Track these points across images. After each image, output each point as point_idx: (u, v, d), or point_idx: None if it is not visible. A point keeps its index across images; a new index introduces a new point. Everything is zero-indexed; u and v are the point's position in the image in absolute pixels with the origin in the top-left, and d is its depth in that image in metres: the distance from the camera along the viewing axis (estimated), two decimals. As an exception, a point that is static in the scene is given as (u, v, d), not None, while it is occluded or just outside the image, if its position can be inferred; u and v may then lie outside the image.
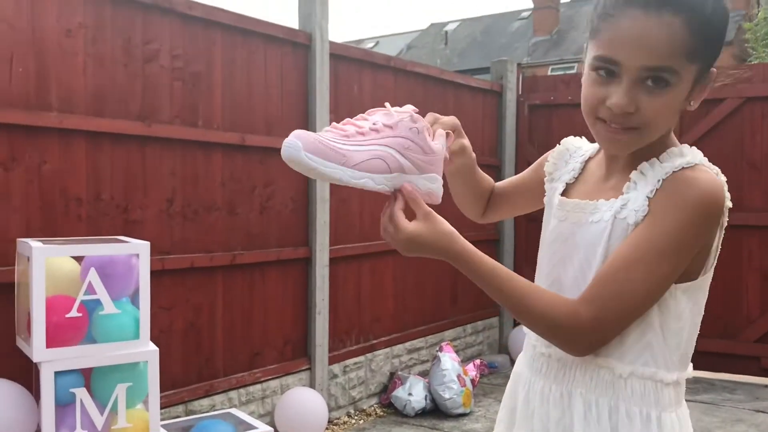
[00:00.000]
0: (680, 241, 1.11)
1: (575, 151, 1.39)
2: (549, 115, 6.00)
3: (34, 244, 2.55)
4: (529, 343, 1.33)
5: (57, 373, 2.54)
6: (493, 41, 28.81)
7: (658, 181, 1.14)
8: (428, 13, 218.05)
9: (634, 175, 1.19)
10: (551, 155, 1.42)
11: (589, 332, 1.13)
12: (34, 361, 2.54)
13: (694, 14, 1.08)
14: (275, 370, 3.97)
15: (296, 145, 1.06)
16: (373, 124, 1.16)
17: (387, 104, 1.21)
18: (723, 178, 1.17)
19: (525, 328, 1.28)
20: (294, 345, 4.12)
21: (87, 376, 2.66)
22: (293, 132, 1.09)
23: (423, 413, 4.49)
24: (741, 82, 5.29)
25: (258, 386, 3.88)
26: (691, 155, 1.17)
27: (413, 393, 4.49)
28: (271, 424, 3.83)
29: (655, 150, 1.18)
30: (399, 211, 1.17)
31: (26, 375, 2.76)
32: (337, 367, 4.38)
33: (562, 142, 1.42)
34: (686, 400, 1.24)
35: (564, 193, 1.32)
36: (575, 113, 6.19)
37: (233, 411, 3.42)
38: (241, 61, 3.75)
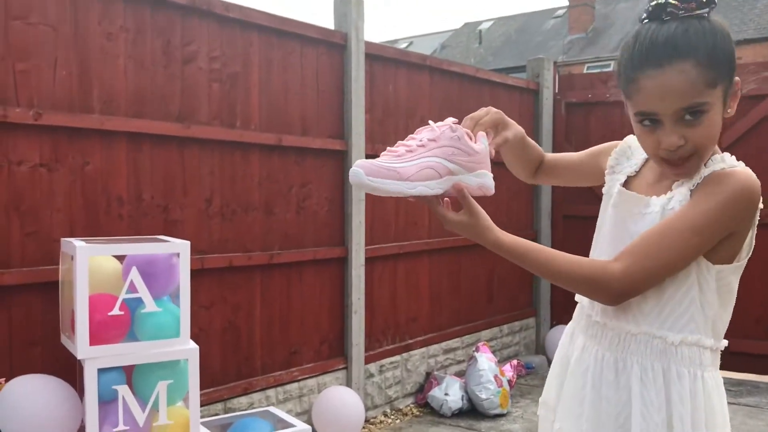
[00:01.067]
0: (712, 220, 1.29)
1: (636, 149, 1.54)
2: (586, 114, 5.93)
3: (78, 243, 2.60)
4: (583, 313, 1.51)
5: (100, 370, 2.59)
6: (528, 40, 28.57)
7: (701, 177, 1.34)
8: (462, 13, 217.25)
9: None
10: (614, 150, 1.58)
11: (618, 282, 1.32)
12: (78, 358, 2.59)
13: (699, 52, 1.26)
14: (312, 369, 3.99)
15: (359, 173, 1.28)
16: (420, 141, 1.34)
17: (430, 122, 1.40)
18: (758, 181, 1.34)
19: (578, 297, 1.52)
20: (331, 344, 4.13)
21: (129, 374, 2.71)
22: (355, 162, 1.31)
23: (460, 413, 4.47)
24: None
25: (295, 385, 3.90)
26: (731, 161, 1.37)
27: (450, 393, 4.48)
28: (308, 422, 3.85)
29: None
30: (439, 207, 1.38)
31: (70, 371, 2.82)
32: (373, 367, 4.38)
33: (625, 139, 1.58)
34: (730, 403, 1.37)
35: (624, 185, 1.50)
36: (613, 111, 6.13)
37: (271, 409, 3.44)
38: (278, 61, 3.78)
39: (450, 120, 1.39)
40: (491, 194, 1.41)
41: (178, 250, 2.75)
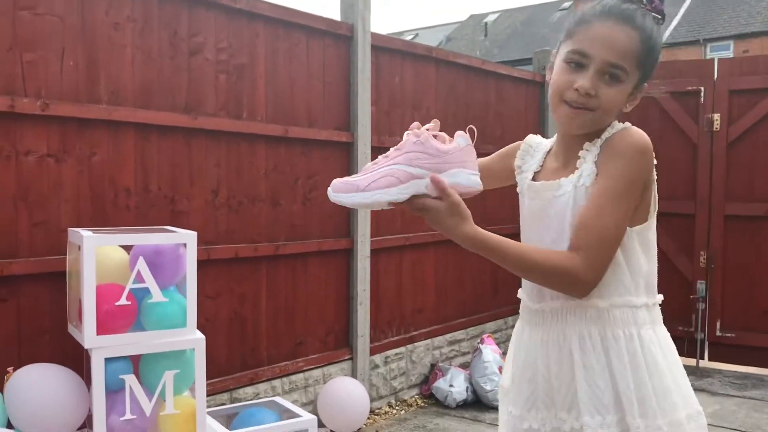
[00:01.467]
0: (626, 181, 1.41)
1: (537, 146, 1.69)
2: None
3: (85, 233, 2.61)
4: (524, 307, 1.61)
5: (107, 360, 2.60)
6: (534, 32, 28.46)
7: (599, 147, 1.46)
8: (468, 5, 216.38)
9: (581, 153, 1.50)
10: (518, 152, 1.70)
11: (587, 272, 1.39)
12: (85, 347, 2.60)
13: (645, 33, 1.44)
14: (318, 360, 4.00)
15: (329, 190, 1.39)
16: (387, 153, 1.40)
17: (415, 123, 1.44)
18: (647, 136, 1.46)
19: (522, 293, 1.61)
20: (336, 335, 4.15)
21: (135, 363, 2.72)
22: (332, 181, 1.39)
23: (464, 405, 4.49)
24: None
25: (301, 375, 3.92)
26: (617, 125, 1.48)
27: (454, 384, 4.49)
28: (314, 412, 3.87)
29: (597, 134, 1.49)
30: (416, 200, 1.39)
31: (77, 361, 2.83)
32: (378, 358, 4.39)
33: (525, 140, 1.71)
34: (735, 396, 1.35)
35: (532, 180, 1.61)
36: (620, 103, 6.09)
37: (277, 399, 3.46)
38: (284, 53, 3.78)
39: (415, 125, 1.42)
40: (474, 191, 1.41)
41: (185, 240, 2.76)
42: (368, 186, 1.36)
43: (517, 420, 1.58)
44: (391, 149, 1.40)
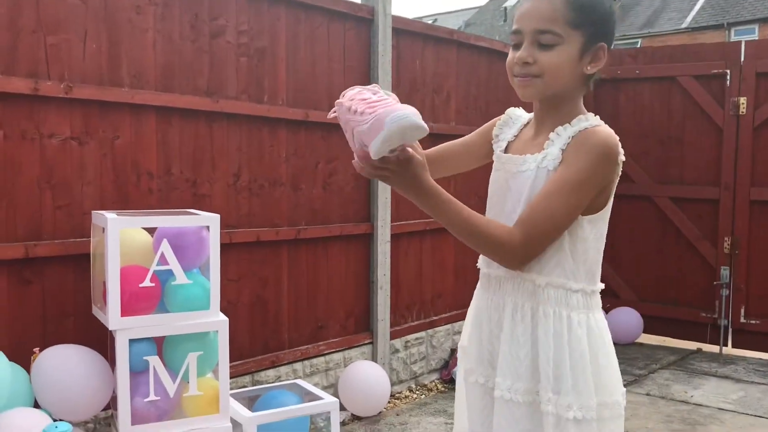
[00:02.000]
0: (587, 176, 1.47)
1: (516, 118, 1.75)
2: (615, 90, 5.84)
3: (109, 215, 2.62)
4: (481, 271, 1.71)
5: (131, 341, 2.62)
6: (554, 17, 28.15)
7: (570, 137, 1.52)
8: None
9: (552, 135, 1.56)
10: (498, 122, 1.76)
11: (521, 248, 1.48)
12: (110, 329, 2.62)
13: (572, 1, 1.49)
14: (338, 344, 4.01)
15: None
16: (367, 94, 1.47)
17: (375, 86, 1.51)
18: (617, 137, 1.52)
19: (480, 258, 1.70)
20: (356, 319, 4.15)
21: (159, 345, 2.74)
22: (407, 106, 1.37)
23: (484, 390, 4.47)
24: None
25: (322, 359, 3.93)
26: (594, 120, 1.54)
27: (475, 369, 4.48)
28: (335, 395, 3.87)
29: (569, 117, 1.56)
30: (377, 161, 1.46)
31: (102, 342, 2.86)
32: (398, 342, 4.40)
33: (507, 111, 1.78)
34: (760, 383, 1.31)
35: (504, 151, 1.69)
36: (642, 87, 6.07)
37: (299, 382, 3.47)
38: (305, 36, 3.76)
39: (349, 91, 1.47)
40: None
41: (208, 223, 2.77)
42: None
43: (468, 373, 1.69)
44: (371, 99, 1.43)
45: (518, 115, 1.76)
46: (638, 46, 23.95)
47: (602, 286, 1.61)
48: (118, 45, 2.99)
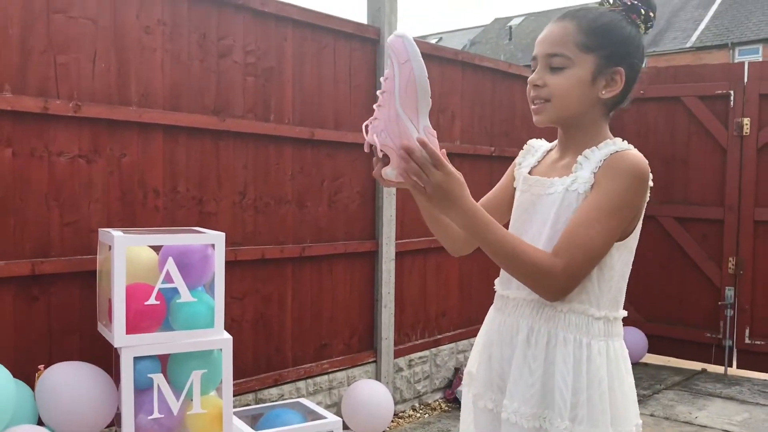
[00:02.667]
0: (622, 201, 1.46)
1: (538, 147, 1.77)
2: (619, 110, 5.85)
3: (116, 233, 2.64)
4: (496, 290, 1.69)
5: (136, 359, 2.63)
6: (559, 36, 28.28)
7: (600, 160, 1.50)
8: (492, 8, 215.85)
9: (580, 158, 1.54)
10: (521, 153, 1.78)
11: (563, 277, 1.44)
12: (115, 346, 2.63)
13: (581, 20, 1.53)
14: (342, 362, 4.01)
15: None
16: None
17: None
18: (646, 161, 1.51)
19: (496, 280, 1.69)
20: (360, 337, 4.15)
21: (164, 363, 2.75)
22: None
23: (488, 409, 4.46)
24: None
25: (325, 377, 3.93)
26: (623, 144, 1.53)
27: (478, 389, 4.47)
28: (338, 414, 3.87)
29: (594, 141, 1.56)
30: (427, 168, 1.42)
31: (106, 360, 2.87)
32: (402, 361, 4.39)
33: (528, 142, 1.79)
34: (766, 405, 1.30)
35: (529, 174, 1.69)
36: (647, 108, 6.09)
37: (302, 400, 3.47)
38: (312, 56, 3.80)
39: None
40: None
41: (213, 241, 2.79)
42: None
43: (476, 398, 1.66)
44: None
45: (540, 144, 1.78)
46: (643, 65, 24.04)
47: (625, 313, 1.58)
48: (126, 64, 3.02)
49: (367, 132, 1.43)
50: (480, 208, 1.44)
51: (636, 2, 1.56)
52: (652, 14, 1.58)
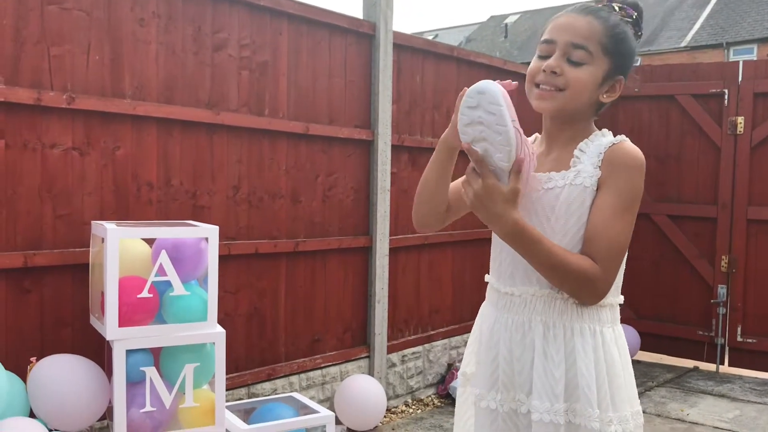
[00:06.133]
0: (634, 195, 1.52)
1: None
2: (614, 107, 5.86)
3: (109, 226, 2.63)
4: (492, 289, 1.68)
5: (128, 352, 2.62)
6: (554, 34, 28.30)
7: (600, 153, 1.54)
8: (488, 6, 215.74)
9: (576, 152, 1.57)
10: None
11: (605, 283, 1.49)
12: (107, 339, 2.62)
13: (608, 23, 1.55)
14: (335, 357, 4.01)
15: (494, 84, 1.43)
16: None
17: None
18: None
19: (491, 276, 1.69)
20: (354, 332, 4.15)
21: (156, 356, 2.74)
22: (489, 80, 1.44)
23: (481, 405, 4.47)
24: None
25: (318, 372, 3.92)
26: (617, 136, 1.58)
27: (471, 385, 4.47)
28: (331, 409, 3.87)
29: (584, 134, 1.59)
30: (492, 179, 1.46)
31: (99, 352, 2.86)
32: (395, 356, 4.39)
33: None
34: (756, 402, 1.32)
35: None
36: (642, 106, 6.11)
37: (295, 395, 3.47)
38: (307, 50, 3.79)
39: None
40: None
41: (207, 234, 2.78)
42: (514, 123, 1.42)
43: (478, 398, 1.63)
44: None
45: None
46: (638, 63, 24.09)
47: (622, 298, 1.63)
48: (120, 57, 3.01)
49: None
50: (526, 225, 1.46)
51: (639, 19, 1.61)
52: (641, 33, 1.64)
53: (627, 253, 1.59)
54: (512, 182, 1.43)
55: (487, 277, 1.73)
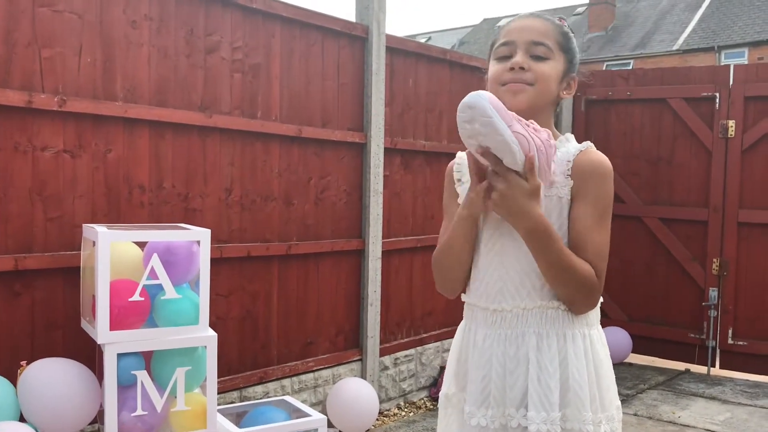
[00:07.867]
0: (607, 201, 1.57)
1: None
2: (606, 111, 5.90)
3: (100, 229, 2.62)
4: (477, 309, 1.64)
5: (119, 355, 2.61)
6: (547, 37, 28.38)
7: (568, 161, 1.56)
8: (481, 8, 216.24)
9: None
10: (453, 168, 1.74)
11: (601, 290, 1.55)
12: (98, 342, 2.61)
13: (557, 24, 1.63)
14: (327, 360, 4.01)
15: (482, 95, 1.42)
16: (530, 122, 1.49)
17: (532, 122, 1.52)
18: None
19: (473, 296, 1.65)
20: (346, 335, 4.15)
21: (147, 359, 2.73)
22: (478, 92, 1.44)
23: (473, 408, 4.47)
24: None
25: (310, 375, 3.92)
26: (582, 143, 1.61)
27: (464, 387, 4.47)
28: (323, 412, 3.87)
29: None
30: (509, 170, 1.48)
31: (90, 356, 2.85)
32: (387, 359, 4.39)
33: (457, 155, 1.74)
34: (747, 405, 1.35)
35: None
36: (633, 109, 6.14)
37: (287, 398, 3.46)
38: (299, 53, 3.79)
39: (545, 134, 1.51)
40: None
41: (198, 238, 2.77)
42: (514, 133, 1.43)
43: (468, 416, 1.61)
44: (535, 125, 1.49)
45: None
46: (630, 67, 24.17)
47: (602, 299, 1.64)
48: (112, 59, 3.00)
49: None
50: (548, 221, 1.49)
51: (570, 30, 1.69)
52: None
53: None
54: (531, 180, 1.45)
55: (464, 297, 1.70)
